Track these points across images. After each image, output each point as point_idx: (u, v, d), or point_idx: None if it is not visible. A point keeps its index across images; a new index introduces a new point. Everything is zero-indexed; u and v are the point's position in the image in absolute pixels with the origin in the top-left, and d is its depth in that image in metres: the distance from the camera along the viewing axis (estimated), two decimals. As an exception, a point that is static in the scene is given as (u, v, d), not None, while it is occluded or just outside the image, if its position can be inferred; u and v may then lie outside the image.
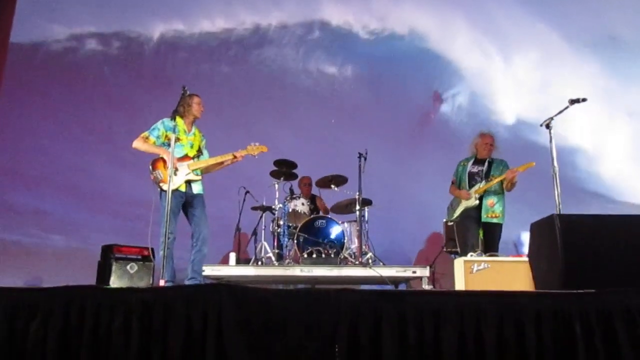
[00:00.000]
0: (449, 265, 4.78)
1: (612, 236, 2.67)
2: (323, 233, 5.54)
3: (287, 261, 5.33)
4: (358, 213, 5.44)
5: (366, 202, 5.79)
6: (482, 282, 3.88)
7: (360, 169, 5.44)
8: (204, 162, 4.57)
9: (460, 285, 4.06)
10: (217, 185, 5.37)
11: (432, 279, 5.09)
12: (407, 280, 5.42)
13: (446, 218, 5.93)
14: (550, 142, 4.15)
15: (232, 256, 5.44)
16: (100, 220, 7.04)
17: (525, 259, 3.56)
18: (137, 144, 4.44)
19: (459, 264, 4.14)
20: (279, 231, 5.67)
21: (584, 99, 4.06)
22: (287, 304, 2.29)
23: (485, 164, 5.14)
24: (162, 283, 3.74)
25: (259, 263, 5.54)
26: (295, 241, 5.48)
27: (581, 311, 2.26)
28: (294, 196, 6.10)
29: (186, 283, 4.46)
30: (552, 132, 4.16)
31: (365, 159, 5.44)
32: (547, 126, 4.19)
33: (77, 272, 6.48)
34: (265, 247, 5.73)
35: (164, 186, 4.25)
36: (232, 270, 5.13)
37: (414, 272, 4.82)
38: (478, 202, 5.00)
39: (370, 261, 5.35)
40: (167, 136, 4.43)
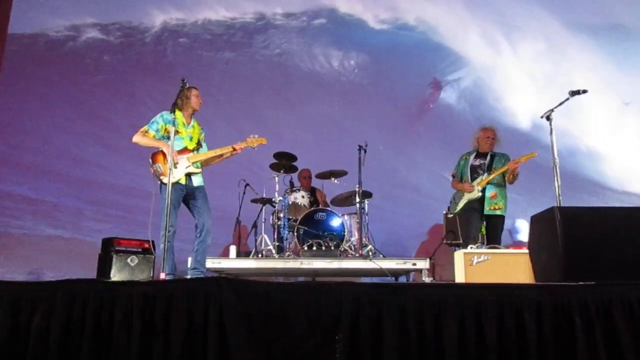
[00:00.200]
0: (449, 257, 4.79)
1: (612, 228, 2.67)
2: (323, 225, 5.54)
3: (288, 254, 5.34)
4: (358, 205, 5.45)
5: (366, 195, 5.80)
6: (482, 274, 3.89)
7: (360, 161, 5.44)
8: (203, 154, 4.57)
9: (460, 278, 4.07)
10: (217, 177, 5.38)
11: (432, 271, 5.10)
12: (407, 272, 5.44)
13: (448, 212, 5.94)
14: (551, 134, 4.14)
15: (233, 249, 5.46)
16: (100, 212, 7.04)
17: (525, 250, 3.57)
18: (137, 138, 4.44)
19: (459, 256, 4.15)
20: (279, 224, 5.67)
21: (584, 91, 4.04)
22: (289, 297, 2.30)
23: (488, 157, 5.18)
24: (162, 276, 3.74)
25: (260, 256, 5.55)
26: (296, 234, 5.49)
27: (581, 303, 2.26)
28: (294, 189, 6.10)
29: (189, 273, 4.48)
30: (552, 124, 4.15)
31: (365, 151, 5.44)
32: (548, 118, 4.18)
33: (76, 264, 6.52)
34: (266, 240, 5.74)
35: (164, 179, 4.25)
36: (233, 263, 5.14)
37: (414, 264, 4.82)
38: (481, 194, 5.04)
39: (371, 253, 5.36)
40: (167, 129, 4.43)
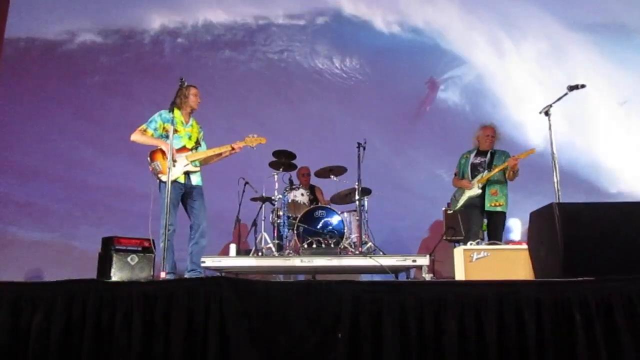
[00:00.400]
0: (449, 253, 4.80)
1: (611, 224, 2.67)
2: (323, 223, 5.55)
3: (287, 252, 5.34)
4: (358, 203, 5.45)
5: (365, 192, 5.80)
6: (482, 271, 3.90)
7: (359, 158, 5.45)
8: (202, 153, 4.57)
9: (460, 274, 4.07)
10: (217, 176, 5.37)
11: (432, 267, 5.11)
12: (407, 269, 5.45)
13: (448, 208, 5.95)
14: (549, 129, 4.14)
15: (233, 247, 5.45)
16: (99, 213, 7.01)
17: (525, 247, 3.57)
18: (136, 136, 4.45)
19: (458, 252, 4.15)
20: (278, 222, 5.68)
21: (582, 85, 4.04)
22: (289, 296, 2.31)
23: (488, 155, 5.21)
24: (163, 275, 3.74)
25: (259, 254, 5.56)
26: (295, 232, 5.49)
27: (581, 299, 2.27)
28: (294, 187, 6.10)
29: (186, 275, 4.48)
30: (550, 119, 4.15)
31: (364, 148, 5.44)
32: (546, 113, 4.18)
33: (76, 264, 6.53)
34: (266, 238, 5.74)
35: (163, 177, 4.25)
36: (233, 261, 5.14)
37: (414, 261, 4.82)
38: (481, 191, 5.05)
39: (371, 251, 5.37)
40: (165, 128, 4.43)
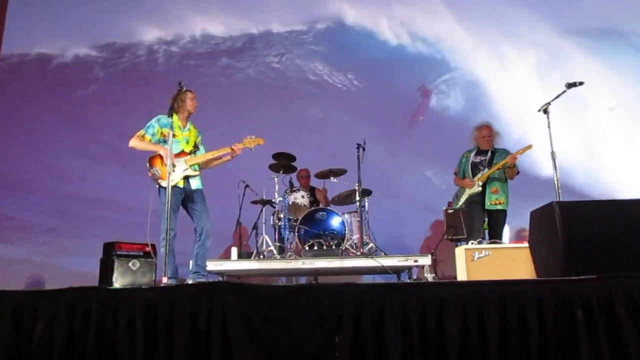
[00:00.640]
0: (450, 252, 4.80)
1: (612, 221, 2.67)
2: (324, 225, 5.54)
3: (289, 254, 5.34)
4: (358, 204, 5.45)
5: (366, 193, 5.80)
6: (483, 270, 3.90)
7: (359, 159, 5.44)
8: (201, 156, 4.57)
9: (461, 273, 4.08)
10: (217, 180, 5.37)
11: (434, 267, 5.11)
12: (409, 269, 5.44)
13: (448, 207, 5.94)
14: (548, 127, 4.15)
15: (234, 250, 5.45)
16: (99, 222, 6.97)
17: (526, 245, 3.57)
18: (134, 142, 4.44)
19: (460, 252, 4.16)
20: (279, 224, 5.67)
21: (580, 83, 4.05)
22: (291, 299, 2.31)
23: (488, 154, 5.23)
24: (164, 280, 3.74)
25: (261, 257, 5.55)
26: (297, 234, 5.49)
27: (582, 297, 2.27)
28: (294, 189, 6.10)
29: (190, 277, 4.49)
30: (549, 117, 4.16)
31: (364, 149, 5.44)
32: (545, 111, 4.19)
33: (78, 271, 6.52)
34: (267, 241, 5.74)
35: (163, 182, 4.25)
36: (235, 264, 5.14)
37: (416, 261, 4.81)
38: (481, 189, 5.07)
39: (372, 251, 5.36)
40: (163, 133, 4.44)
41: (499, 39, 7.74)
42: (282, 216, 5.63)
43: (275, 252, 5.50)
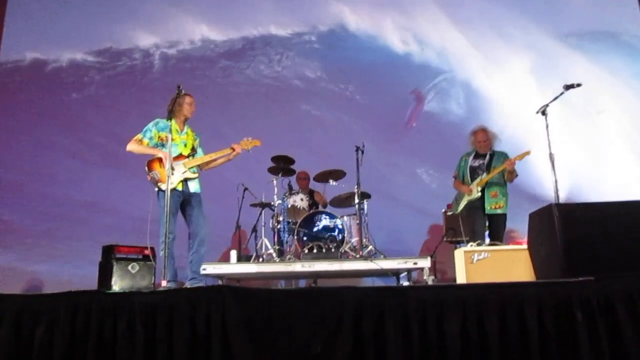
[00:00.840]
0: (450, 254, 4.81)
1: (610, 223, 2.68)
2: (323, 228, 5.55)
3: (288, 257, 5.34)
4: (357, 206, 5.45)
5: (365, 195, 5.80)
6: (482, 272, 3.90)
7: (358, 162, 5.45)
8: (199, 159, 4.58)
9: (461, 275, 4.08)
10: (216, 183, 5.38)
11: (434, 269, 5.11)
12: (408, 271, 5.44)
13: (447, 210, 5.96)
14: (547, 128, 4.15)
15: (233, 253, 5.44)
16: (97, 227, 6.92)
17: (525, 247, 3.58)
18: (132, 146, 4.44)
19: (459, 254, 4.16)
20: (278, 227, 5.68)
21: (578, 84, 4.07)
22: (291, 302, 2.31)
23: (487, 157, 5.21)
24: (164, 283, 3.74)
25: (260, 260, 5.55)
26: (296, 236, 5.49)
27: (582, 298, 2.27)
28: (293, 192, 6.10)
29: (187, 283, 4.48)
30: (547, 118, 4.17)
31: (363, 152, 5.44)
32: (543, 113, 4.20)
33: (73, 275, 6.50)
34: (266, 244, 5.74)
35: (162, 186, 4.25)
36: (234, 267, 5.14)
37: (415, 264, 4.82)
38: (480, 194, 5.06)
39: (371, 254, 5.36)
40: (160, 137, 4.44)
41: (495, 42, 7.76)
42: (281, 219, 5.63)
43: (274, 255, 5.50)
